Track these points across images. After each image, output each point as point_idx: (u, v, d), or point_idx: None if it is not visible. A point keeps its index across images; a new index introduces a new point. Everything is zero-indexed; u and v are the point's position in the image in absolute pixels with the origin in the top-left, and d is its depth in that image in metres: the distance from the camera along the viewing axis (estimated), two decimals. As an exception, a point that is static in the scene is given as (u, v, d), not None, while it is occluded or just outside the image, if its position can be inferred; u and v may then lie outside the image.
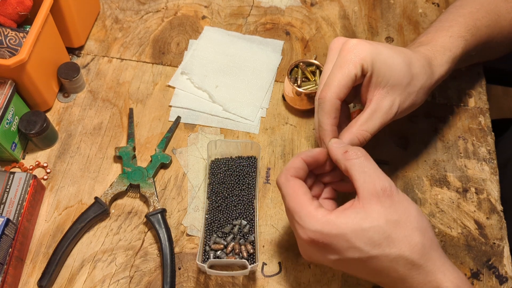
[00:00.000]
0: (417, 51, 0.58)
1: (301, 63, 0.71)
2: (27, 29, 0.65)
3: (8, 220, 0.56)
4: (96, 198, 0.63)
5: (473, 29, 0.62)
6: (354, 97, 0.58)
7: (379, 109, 0.53)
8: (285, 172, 0.51)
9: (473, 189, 0.67)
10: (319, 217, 0.46)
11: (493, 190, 0.67)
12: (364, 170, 0.47)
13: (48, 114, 0.72)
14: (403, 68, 0.54)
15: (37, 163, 0.67)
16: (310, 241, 0.46)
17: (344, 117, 0.57)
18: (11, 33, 0.62)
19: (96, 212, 0.62)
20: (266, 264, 0.61)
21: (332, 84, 0.52)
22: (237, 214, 0.62)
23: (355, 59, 0.52)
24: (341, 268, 0.49)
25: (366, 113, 0.54)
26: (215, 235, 0.61)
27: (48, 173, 0.67)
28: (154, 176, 0.66)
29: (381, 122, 0.54)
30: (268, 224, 0.64)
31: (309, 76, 0.71)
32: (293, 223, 0.49)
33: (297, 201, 0.48)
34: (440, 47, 0.59)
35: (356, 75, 0.52)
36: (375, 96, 0.54)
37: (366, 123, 0.53)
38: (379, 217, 0.45)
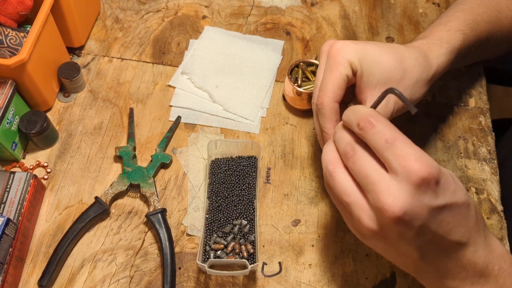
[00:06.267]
0: (411, 46, 0.58)
1: (302, 63, 0.71)
2: (28, 29, 0.65)
3: (8, 220, 0.56)
4: (96, 197, 0.63)
5: (473, 24, 0.62)
6: (353, 98, 0.58)
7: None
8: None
9: (473, 189, 0.67)
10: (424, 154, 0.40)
11: (494, 190, 0.67)
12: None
13: (48, 114, 0.72)
14: (393, 64, 0.53)
15: (37, 162, 0.67)
16: (428, 176, 0.38)
17: None
18: (12, 33, 0.62)
19: (97, 212, 0.62)
20: (266, 264, 0.61)
21: (326, 89, 0.53)
22: (237, 214, 0.62)
23: (343, 61, 0.52)
24: (426, 235, 0.41)
25: None
26: (215, 235, 0.61)
27: (48, 172, 0.67)
28: (154, 176, 0.66)
29: None
30: (268, 224, 0.64)
31: (310, 76, 0.71)
32: (397, 159, 0.39)
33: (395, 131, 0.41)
34: (437, 40, 0.59)
35: (347, 76, 0.52)
36: (368, 96, 0.54)
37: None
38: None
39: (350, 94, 0.57)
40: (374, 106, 0.45)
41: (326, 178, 0.45)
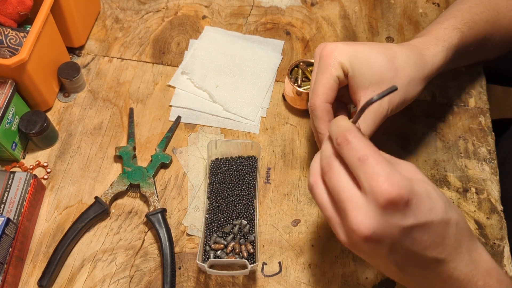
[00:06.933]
0: (404, 44, 0.58)
1: (302, 63, 0.71)
2: (28, 28, 0.65)
3: (8, 220, 0.56)
4: (96, 197, 0.63)
5: (470, 23, 0.62)
6: (351, 99, 0.58)
7: (369, 109, 0.53)
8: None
9: (473, 189, 0.67)
10: (404, 167, 0.41)
11: (494, 190, 0.67)
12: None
13: (48, 114, 0.72)
14: (384, 64, 0.54)
15: (37, 162, 0.67)
16: (396, 197, 0.37)
17: None
18: (12, 33, 0.62)
19: (96, 212, 0.62)
20: (266, 264, 0.61)
21: (318, 90, 0.54)
22: (237, 214, 0.62)
23: (334, 62, 0.53)
24: (400, 251, 0.41)
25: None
26: (215, 235, 0.61)
27: (48, 172, 0.67)
28: (154, 175, 0.66)
29: (375, 122, 0.54)
30: (268, 224, 0.64)
31: (310, 76, 0.71)
32: (366, 178, 0.39)
33: (370, 148, 0.40)
34: (434, 38, 0.59)
35: (338, 77, 0.53)
36: (362, 97, 0.54)
37: (360, 126, 0.54)
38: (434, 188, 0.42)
39: (347, 95, 0.57)
40: (356, 119, 0.45)
41: (308, 189, 0.46)
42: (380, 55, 0.54)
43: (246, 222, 0.62)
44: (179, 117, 0.72)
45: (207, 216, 0.62)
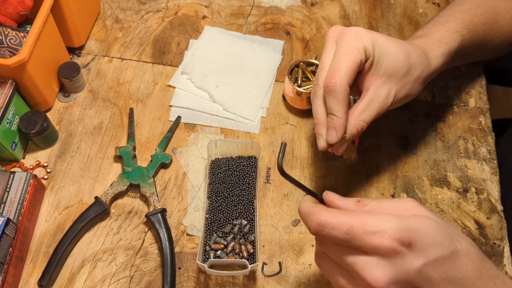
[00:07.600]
0: (413, 43, 0.58)
1: (302, 63, 0.71)
2: (28, 28, 0.65)
3: (8, 220, 0.56)
4: (96, 197, 0.63)
5: (470, 25, 0.62)
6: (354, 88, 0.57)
7: (376, 98, 0.54)
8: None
9: (473, 189, 0.67)
10: (405, 205, 0.42)
11: (494, 190, 0.67)
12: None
13: (48, 114, 0.72)
14: (401, 58, 0.54)
15: (37, 162, 0.67)
16: (397, 245, 0.38)
17: None
18: (12, 33, 0.62)
19: (97, 212, 0.62)
20: (266, 264, 0.61)
21: (340, 70, 0.51)
22: (237, 214, 0.62)
23: (360, 45, 0.52)
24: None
25: (363, 103, 0.54)
26: (215, 235, 0.61)
27: (48, 172, 0.67)
28: (154, 175, 0.66)
29: (378, 111, 0.54)
30: (268, 224, 0.64)
31: (310, 76, 0.71)
32: (363, 243, 0.39)
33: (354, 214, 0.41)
34: (436, 40, 0.59)
35: (361, 60, 0.52)
36: (372, 85, 0.54)
37: (363, 112, 0.54)
38: (437, 218, 0.42)
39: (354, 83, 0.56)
40: (281, 158, 0.44)
41: (316, 264, 0.46)
42: (398, 47, 0.54)
43: (246, 222, 0.62)
44: (179, 117, 0.72)
45: (207, 216, 0.62)
